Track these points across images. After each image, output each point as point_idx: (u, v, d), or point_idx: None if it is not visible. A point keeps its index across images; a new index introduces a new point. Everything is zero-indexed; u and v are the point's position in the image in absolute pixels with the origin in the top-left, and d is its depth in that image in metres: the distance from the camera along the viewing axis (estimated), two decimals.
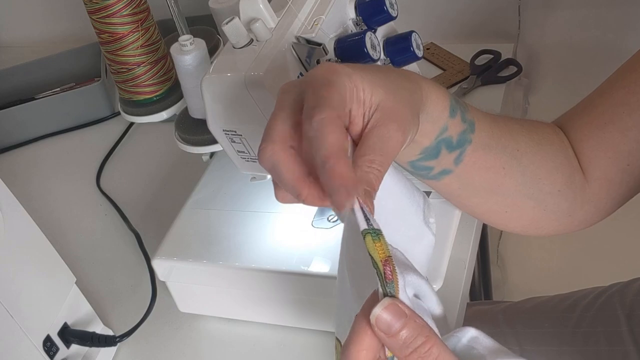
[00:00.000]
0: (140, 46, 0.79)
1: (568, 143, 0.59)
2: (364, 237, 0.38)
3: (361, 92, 0.42)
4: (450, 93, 0.51)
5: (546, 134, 0.59)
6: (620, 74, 0.58)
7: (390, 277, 0.38)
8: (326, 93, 0.40)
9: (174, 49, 0.71)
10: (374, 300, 0.38)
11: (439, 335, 0.40)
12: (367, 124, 0.43)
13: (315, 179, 0.41)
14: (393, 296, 0.37)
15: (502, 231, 1.28)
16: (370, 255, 0.38)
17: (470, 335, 0.43)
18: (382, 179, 0.41)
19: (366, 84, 0.42)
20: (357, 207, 0.39)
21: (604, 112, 0.57)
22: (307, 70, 0.61)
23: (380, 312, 0.37)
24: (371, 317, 0.37)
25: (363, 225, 0.39)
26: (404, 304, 0.38)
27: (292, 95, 0.43)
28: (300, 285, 0.67)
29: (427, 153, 0.51)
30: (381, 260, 0.38)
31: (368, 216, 0.39)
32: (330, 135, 0.38)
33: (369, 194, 0.40)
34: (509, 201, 0.58)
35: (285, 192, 0.42)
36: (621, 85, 0.56)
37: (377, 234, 0.39)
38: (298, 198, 0.41)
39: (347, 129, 0.43)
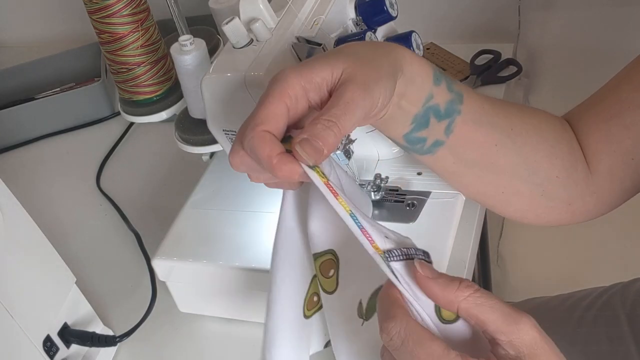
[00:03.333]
0: (140, 46, 0.79)
1: (573, 135, 0.59)
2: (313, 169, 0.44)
3: (316, 77, 0.45)
4: (433, 65, 0.53)
5: (549, 121, 0.60)
6: (627, 70, 0.59)
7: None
8: (256, 110, 0.45)
9: (174, 49, 0.71)
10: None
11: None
12: None
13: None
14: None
15: (502, 231, 1.28)
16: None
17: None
18: (337, 132, 0.43)
19: (321, 67, 0.46)
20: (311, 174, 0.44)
21: (609, 107, 0.58)
22: None
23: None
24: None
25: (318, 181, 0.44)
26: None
27: None
28: None
29: (418, 122, 0.52)
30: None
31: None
32: (259, 149, 0.44)
33: (308, 142, 0.42)
34: (504, 182, 0.58)
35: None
36: (627, 82, 0.58)
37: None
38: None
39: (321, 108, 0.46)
